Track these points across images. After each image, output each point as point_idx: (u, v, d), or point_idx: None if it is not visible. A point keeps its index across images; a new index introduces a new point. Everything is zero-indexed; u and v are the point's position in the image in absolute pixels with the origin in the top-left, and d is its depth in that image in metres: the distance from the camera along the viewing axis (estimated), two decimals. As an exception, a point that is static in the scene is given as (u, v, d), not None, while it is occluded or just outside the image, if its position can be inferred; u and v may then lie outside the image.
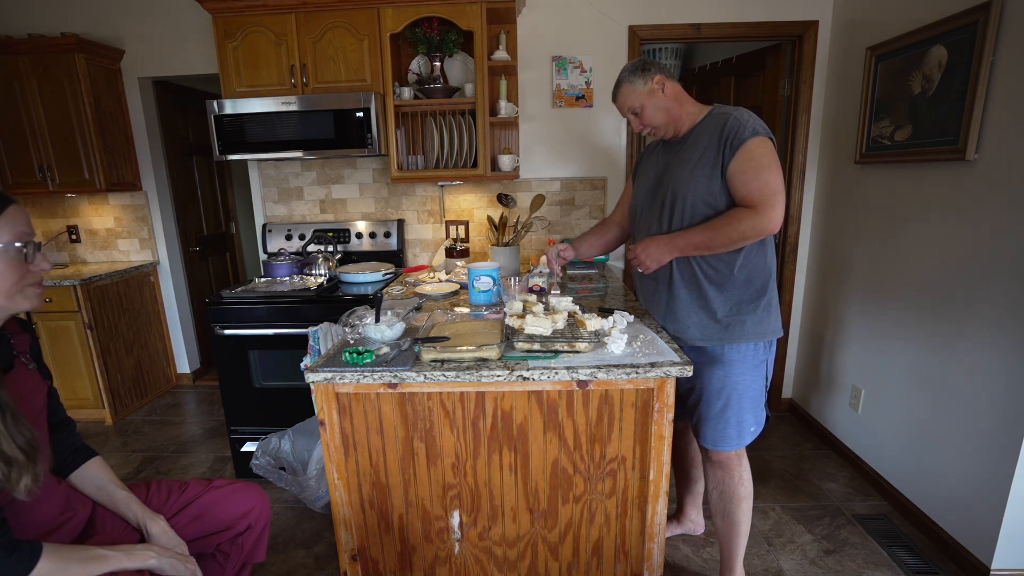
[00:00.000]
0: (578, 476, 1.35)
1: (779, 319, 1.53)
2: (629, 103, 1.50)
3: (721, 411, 1.50)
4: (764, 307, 1.47)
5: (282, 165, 2.86)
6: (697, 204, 1.43)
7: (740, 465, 1.57)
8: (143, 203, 3.19)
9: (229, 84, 2.44)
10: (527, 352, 1.33)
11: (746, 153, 1.35)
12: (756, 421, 1.54)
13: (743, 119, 1.38)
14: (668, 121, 1.49)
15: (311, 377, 1.26)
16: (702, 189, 1.42)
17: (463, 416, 1.31)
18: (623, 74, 1.50)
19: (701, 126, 1.47)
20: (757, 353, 1.49)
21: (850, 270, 2.40)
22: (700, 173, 1.42)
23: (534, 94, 2.70)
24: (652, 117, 1.49)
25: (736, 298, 1.46)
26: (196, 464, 2.55)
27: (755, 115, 1.41)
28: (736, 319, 1.46)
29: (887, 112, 2.10)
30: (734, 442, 1.52)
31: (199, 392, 3.40)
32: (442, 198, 2.85)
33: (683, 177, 1.45)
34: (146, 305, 3.23)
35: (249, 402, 2.33)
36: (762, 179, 1.34)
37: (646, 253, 1.48)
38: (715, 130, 1.41)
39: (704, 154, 1.42)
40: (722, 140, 1.38)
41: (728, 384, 1.49)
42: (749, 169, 1.35)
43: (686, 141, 1.49)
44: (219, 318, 2.24)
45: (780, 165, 1.37)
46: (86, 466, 1.19)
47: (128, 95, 3.02)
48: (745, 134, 1.35)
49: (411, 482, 1.37)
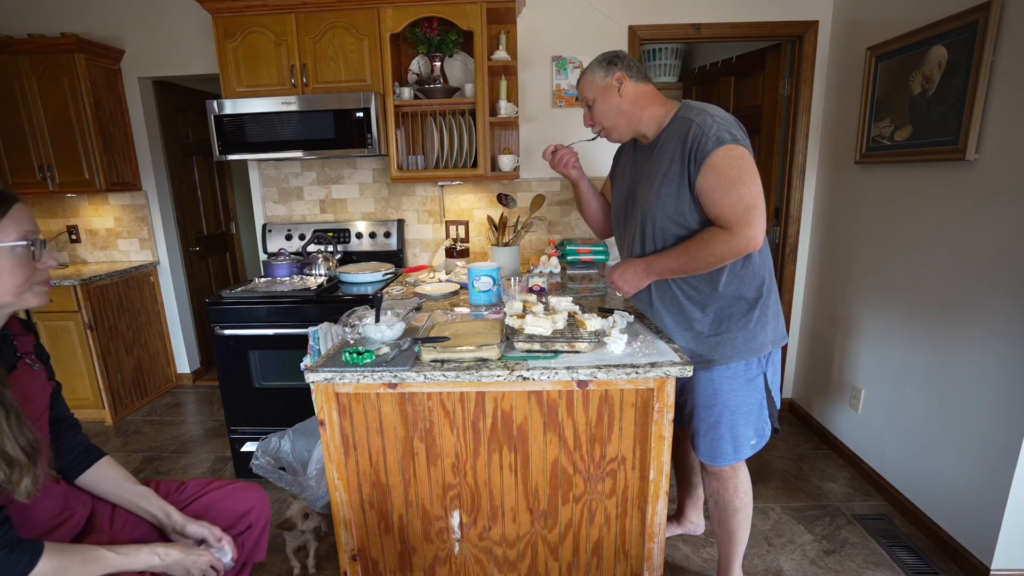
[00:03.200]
0: (578, 476, 1.35)
1: (780, 327, 1.45)
2: (585, 92, 1.43)
3: (714, 426, 1.46)
4: (757, 320, 1.38)
5: (282, 165, 2.86)
6: (667, 225, 1.36)
7: (736, 477, 1.52)
8: (143, 203, 3.19)
9: (229, 84, 2.44)
10: (527, 352, 1.33)
11: (712, 168, 1.25)
12: (758, 434, 1.47)
13: (706, 126, 1.26)
14: (619, 124, 1.42)
15: (311, 377, 1.26)
16: (670, 208, 1.34)
17: (463, 416, 1.31)
18: (591, 62, 1.43)
19: (667, 132, 1.37)
20: (750, 369, 1.41)
21: (850, 270, 2.40)
22: (666, 192, 1.34)
23: (534, 94, 2.70)
24: (600, 114, 1.42)
25: (723, 315, 1.39)
26: (196, 464, 2.55)
27: (723, 115, 1.30)
28: (725, 337, 1.39)
29: (887, 112, 2.10)
30: (730, 456, 1.47)
31: (199, 392, 3.40)
32: (442, 198, 2.85)
33: (650, 196, 1.38)
34: (146, 305, 3.23)
35: (249, 402, 2.33)
36: (734, 195, 1.23)
37: (623, 279, 1.45)
38: (679, 139, 1.31)
39: (669, 168, 1.33)
40: (685, 153, 1.29)
41: (719, 401, 1.43)
42: (719, 186, 1.25)
43: (653, 149, 1.41)
44: (219, 318, 2.24)
45: (755, 170, 1.26)
46: (98, 466, 1.19)
47: (128, 95, 3.02)
48: (708, 145, 1.25)
49: (411, 482, 1.37)
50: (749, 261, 1.37)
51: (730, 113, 1.39)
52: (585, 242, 2.62)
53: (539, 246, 2.86)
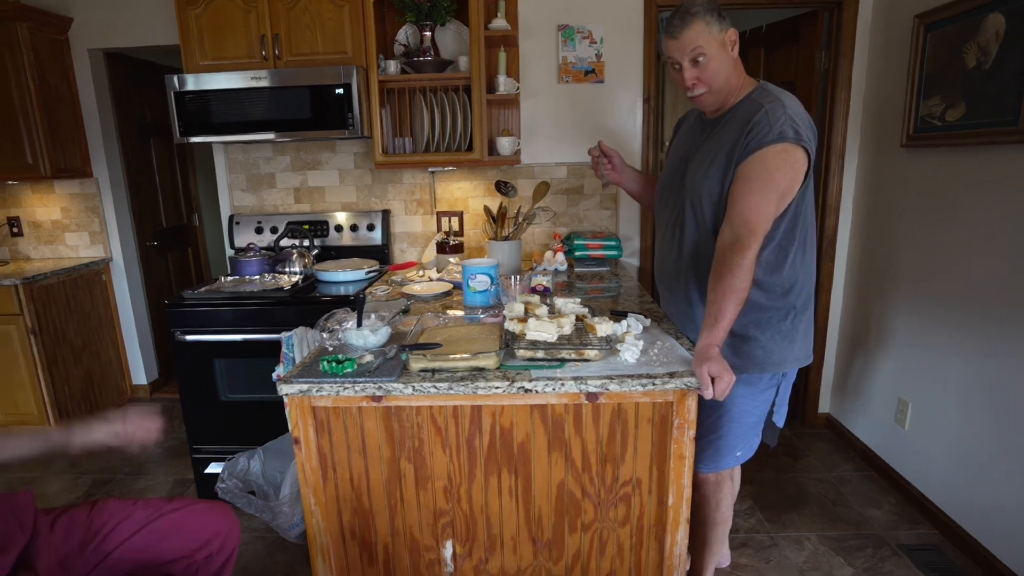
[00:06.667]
0: (587, 501, 1.35)
1: (808, 344, 1.51)
2: (698, 42, 1.33)
3: (708, 430, 1.52)
4: (787, 333, 1.44)
5: (251, 149, 2.86)
6: (709, 210, 1.43)
7: (719, 491, 1.61)
8: (94, 192, 3.19)
9: (191, 57, 2.43)
10: (529, 361, 1.33)
11: (760, 160, 1.30)
12: (745, 447, 1.55)
13: (774, 116, 1.31)
14: (723, 88, 1.41)
15: (284, 389, 1.26)
16: (715, 194, 1.40)
17: (457, 433, 1.31)
18: (694, 7, 1.33)
19: (735, 111, 1.42)
20: (763, 379, 1.48)
21: (896, 267, 2.40)
22: (714, 175, 1.40)
23: (537, 68, 2.70)
24: (715, 74, 1.37)
25: (755, 319, 1.43)
26: (153, 487, 2.55)
27: (797, 109, 1.34)
28: (751, 344, 1.44)
29: (937, 88, 2.10)
30: (709, 464, 1.55)
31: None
32: (433, 186, 2.85)
33: (698, 176, 1.44)
34: (97, 307, 3.23)
35: (214, 417, 2.33)
36: (751, 203, 1.29)
37: (719, 376, 1.21)
38: (743, 122, 1.36)
39: (723, 150, 1.39)
40: (743, 136, 1.34)
41: (722, 405, 1.47)
42: (757, 180, 1.30)
43: (716, 126, 1.46)
44: (180, 322, 2.24)
45: (790, 182, 1.32)
46: None
47: (77, 69, 3.02)
48: (768, 136, 1.29)
49: (398, 508, 1.37)
50: (799, 264, 1.42)
51: None
52: (595, 236, 2.62)
53: (543, 240, 2.86)
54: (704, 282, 1.43)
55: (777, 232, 1.39)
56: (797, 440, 2.84)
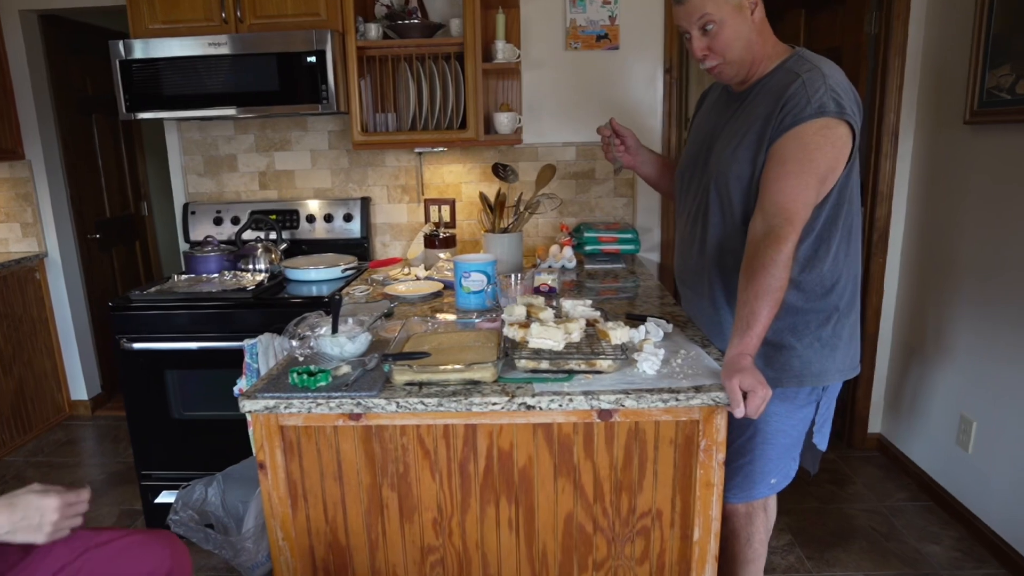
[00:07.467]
0: (599, 536, 1.35)
1: (854, 353, 1.51)
2: (706, 8, 1.35)
3: (737, 451, 1.52)
4: (829, 340, 1.44)
5: (209, 127, 2.86)
6: (738, 196, 1.43)
7: (751, 525, 1.60)
8: (26, 176, 3.19)
9: (140, 20, 2.44)
10: (532, 372, 1.33)
11: (796, 138, 1.30)
12: (781, 472, 1.55)
13: (812, 86, 1.30)
14: (744, 58, 1.40)
15: (248, 405, 1.26)
16: (745, 178, 1.41)
17: (448, 457, 1.31)
18: None
19: (766, 82, 1.42)
20: (801, 395, 1.48)
21: (958, 263, 2.40)
22: (743, 156, 1.40)
23: (541, 33, 2.71)
24: (729, 44, 1.37)
25: (792, 323, 1.43)
26: (96, 520, 2.54)
27: (839, 78, 1.34)
28: (786, 353, 1.44)
29: (1007, 56, 2.10)
30: (739, 492, 1.54)
31: (100, 425, 3.40)
32: (420, 169, 2.85)
33: (724, 156, 1.44)
34: (30, 310, 3.23)
35: (166, 438, 2.33)
36: (788, 188, 1.29)
37: (754, 394, 1.18)
38: (777, 94, 1.36)
39: (753, 127, 1.39)
40: (777, 110, 1.34)
41: (752, 422, 1.48)
42: (794, 161, 1.29)
43: (745, 99, 1.46)
44: (126, 328, 2.24)
45: (833, 163, 1.32)
46: None
47: (7, 34, 3.02)
48: (807, 111, 1.29)
49: (379, 543, 1.37)
50: (842, 259, 1.42)
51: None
52: (609, 228, 2.62)
53: (548, 232, 2.86)
54: (732, 281, 1.42)
55: (817, 222, 1.39)
56: (843, 465, 2.84)
